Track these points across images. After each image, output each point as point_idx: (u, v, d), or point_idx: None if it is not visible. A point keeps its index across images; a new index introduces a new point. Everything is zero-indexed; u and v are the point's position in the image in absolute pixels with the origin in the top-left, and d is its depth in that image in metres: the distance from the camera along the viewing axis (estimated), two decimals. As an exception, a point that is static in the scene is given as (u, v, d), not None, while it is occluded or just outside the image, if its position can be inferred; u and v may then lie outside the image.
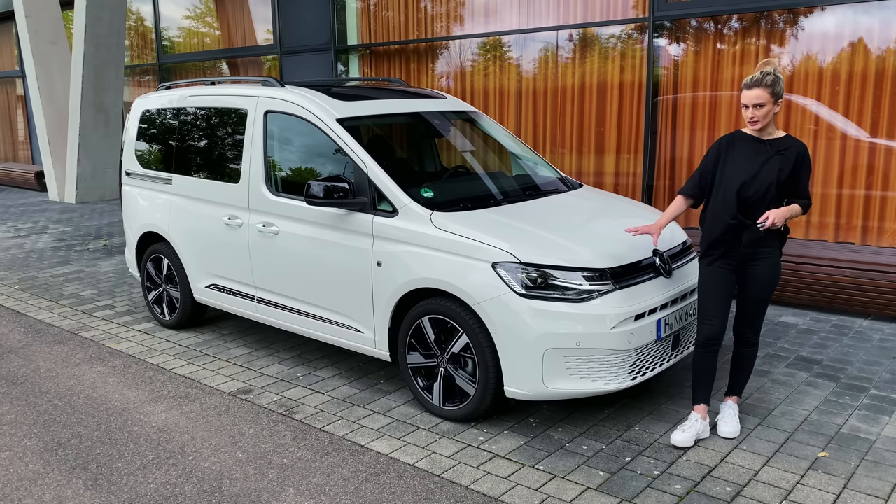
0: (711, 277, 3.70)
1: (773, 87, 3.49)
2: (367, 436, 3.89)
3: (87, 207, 12.04)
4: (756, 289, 3.70)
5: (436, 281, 3.91)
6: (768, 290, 3.71)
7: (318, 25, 10.00)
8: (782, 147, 3.58)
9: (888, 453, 3.61)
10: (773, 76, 3.50)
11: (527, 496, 3.29)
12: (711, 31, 6.82)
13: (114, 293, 6.83)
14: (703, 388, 3.82)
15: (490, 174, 5.15)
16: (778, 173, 3.55)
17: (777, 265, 3.68)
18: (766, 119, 3.54)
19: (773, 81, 3.49)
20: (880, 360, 4.82)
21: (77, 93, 11.80)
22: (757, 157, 3.59)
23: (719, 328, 3.71)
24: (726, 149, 3.67)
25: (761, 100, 3.49)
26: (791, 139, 3.61)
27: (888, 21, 5.91)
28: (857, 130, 6.18)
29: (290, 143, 4.77)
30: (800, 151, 3.58)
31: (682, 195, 3.82)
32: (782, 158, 3.56)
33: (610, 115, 7.61)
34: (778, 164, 3.56)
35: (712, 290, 3.70)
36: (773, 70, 3.52)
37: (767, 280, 3.67)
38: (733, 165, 3.62)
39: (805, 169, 3.60)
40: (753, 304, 3.74)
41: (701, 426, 3.78)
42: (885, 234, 6.17)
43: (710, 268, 3.71)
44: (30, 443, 3.92)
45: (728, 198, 3.60)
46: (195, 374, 4.81)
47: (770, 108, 3.52)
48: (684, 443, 3.70)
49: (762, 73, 3.51)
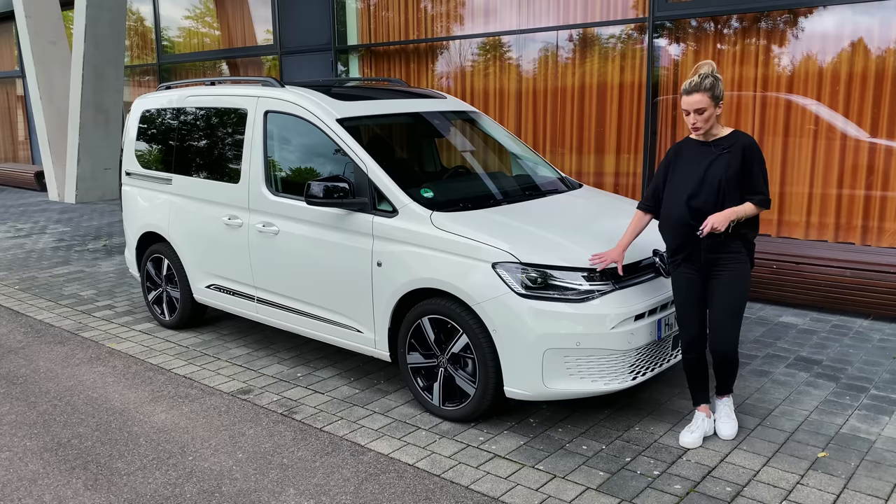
0: (678, 282, 3.69)
1: (712, 91, 3.46)
2: (367, 436, 3.89)
3: (87, 207, 12.04)
4: (721, 297, 3.57)
5: (436, 281, 3.91)
6: (733, 300, 3.55)
7: (318, 25, 10.00)
8: (727, 145, 3.52)
9: (888, 453, 3.61)
10: (712, 78, 3.47)
11: (527, 496, 3.29)
12: (711, 31, 6.82)
13: (114, 293, 6.83)
14: (699, 389, 3.82)
15: (490, 174, 5.16)
16: (725, 172, 3.49)
17: (742, 272, 3.55)
18: (708, 123, 3.52)
19: (712, 84, 3.46)
20: (880, 360, 4.82)
21: (77, 93, 11.80)
22: (702, 162, 3.55)
23: (694, 333, 3.70)
24: (674, 158, 3.67)
25: (701, 104, 3.47)
26: (737, 135, 3.54)
27: (888, 21, 5.91)
28: (857, 130, 6.18)
29: (290, 143, 4.77)
30: (745, 145, 3.50)
31: (639, 210, 3.84)
32: (728, 157, 3.50)
33: (610, 115, 7.61)
34: (724, 164, 3.50)
35: (681, 296, 3.70)
36: (710, 72, 3.49)
37: (732, 288, 3.54)
38: (681, 174, 3.61)
39: (755, 163, 3.50)
40: (720, 314, 3.58)
41: (707, 425, 3.78)
42: (885, 234, 6.17)
43: (677, 272, 3.70)
44: (30, 443, 3.92)
45: (678, 206, 3.58)
46: (195, 375, 4.81)
47: (711, 112, 3.50)
48: (694, 444, 3.70)
49: (700, 77, 3.48)
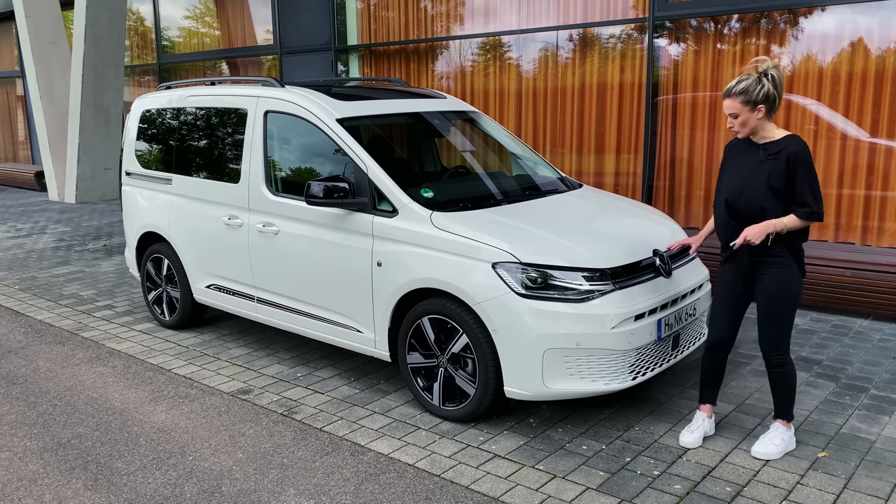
0: (721, 279, 3.64)
1: (744, 95, 3.33)
2: (367, 436, 3.89)
3: (87, 207, 12.04)
4: (762, 301, 3.50)
5: (436, 281, 3.91)
6: (774, 304, 3.46)
7: (318, 25, 10.00)
8: (774, 151, 3.37)
9: (888, 453, 3.61)
10: (747, 84, 3.34)
11: (527, 496, 3.29)
12: (711, 31, 6.82)
13: (114, 293, 6.83)
14: (708, 389, 3.79)
15: (490, 174, 5.15)
16: (767, 180, 3.37)
17: (784, 277, 3.42)
18: (746, 127, 3.41)
19: (745, 89, 3.33)
20: (880, 360, 4.82)
21: (77, 93, 11.80)
22: (747, 164, 3.46)
23: (722, 333, 3.65)
24: (728, 154, 3.61)
25: (733, 109, 3.39)
26: (787, 140, 3.37)
27: (888, 21, 5.91)
28: (857, 130, 6.18)
29: (290, 143, 4.77)
30: (791, 153, 3.33)
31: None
32: (772, 164, 3.36)
33: (610, 115, 7.61)
34: (767, 171, 3.37)
35: (720, 293, 3.65)
36: (755, 74, 3.36)
37: (772, 292, 3.45)
38: (728, 173, 3.54)
39: (799, 171, 3.32)
40: (760, 318, 3.52)
41: (708, 425, 3.77)
42: (885, 234, 6.17)
43: (722, 270, 3.66)
44: (30, 443, 3.92)
45: (721, 207, 3.54)
46: (195, 375, 4.81)
47: (748, 117, 3.37)
48: (693, 444, 3.69)
49: (735, 81, 3.38)
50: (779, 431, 3.62)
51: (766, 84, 3.34)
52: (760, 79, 3.35)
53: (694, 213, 7.17)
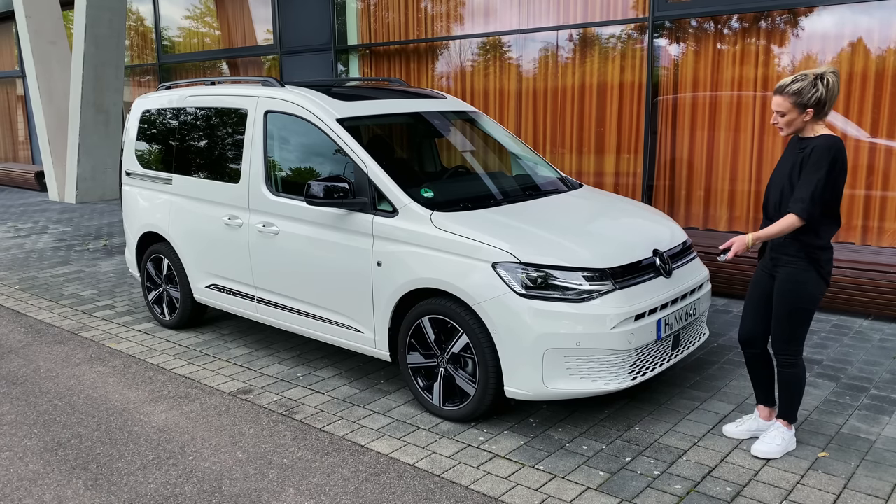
0: (754, 275, 3.69)
1: (796, 97, 3.29)
2: (367, 436, 3.89)
3: (87, 207, 12.04)
4: (774, 299, 3.51)
5: (436, 281, 3.91)
6: (782, 303, 3.45)
7: (318, 25, 10.00)
8: (807, 147, 3.35)
9: (888, 453, 3.61)
10: (801, 85, 3.28)
11: (527, 496, 3.29)
12: (711, 31, 6.82)
13: (114, 293, 6.83)
14: (755, 386, 3.78)
15: (490, 174, 5.15)
16: (789, 174, 3.39)
17: (795, 279, 3.41)
18: (790, 127, 3.38)
19: (798, 91, 3.29)
20: (880, 360, 4.82)
21: (77, 93, 11.80)
22: (788, 159, 3.46)
23: (748, 329, 3.67)
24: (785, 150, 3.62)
25: (781, 107, 3.36)
26: (818, 138, 3.32)
27: (888, 21, 5.91)
28: (857, 130, 6.18)
29: (290, 143, 4.77)
30: (814, 147, 3.30)
31: None
32: (799, 158, 3.36)
33: (610, 115, 7.61)
34: (791, 165, 3.39)
35: (749, 290, 3.70)
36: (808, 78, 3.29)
37: (782, 291, 3.45)
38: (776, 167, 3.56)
39: (810, 164, 3.29)
40: (773, 315, 3.53)
41: (756, 424, 3.75)
42: (885, 234, 6.16)
43: (756, 267, 3.71)
44: (30, 443, 3.92)
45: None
46: (195, 374, 4.81)
47: (794, 117, 3.34)
48: (733, 435, 3.74)
49: (791, 80, 3.33)
50: (780, 431, 3.62)
51: (820, 88, 3.30)
52: (816, 82, 3.30)
53: (694, 213, 7.17)
